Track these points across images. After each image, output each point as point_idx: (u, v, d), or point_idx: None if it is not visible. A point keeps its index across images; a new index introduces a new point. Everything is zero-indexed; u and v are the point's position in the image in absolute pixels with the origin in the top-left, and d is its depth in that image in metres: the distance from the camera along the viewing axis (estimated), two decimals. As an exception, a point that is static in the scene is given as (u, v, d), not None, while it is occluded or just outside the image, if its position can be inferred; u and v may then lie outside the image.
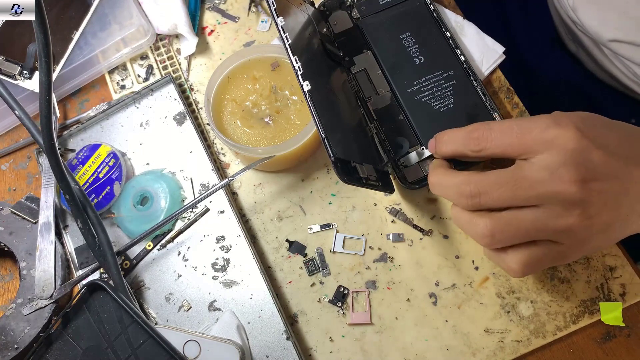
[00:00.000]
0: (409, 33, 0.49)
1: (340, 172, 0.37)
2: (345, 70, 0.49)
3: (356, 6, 0.51)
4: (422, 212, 0.46)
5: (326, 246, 0.45)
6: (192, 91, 0.52)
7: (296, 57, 0.39)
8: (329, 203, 0.47)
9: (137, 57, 0.53)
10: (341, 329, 0.43)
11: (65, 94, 0.53)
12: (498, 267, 0.44)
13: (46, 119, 0.40)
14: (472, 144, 0.37)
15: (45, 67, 0.38)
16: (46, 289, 0.44)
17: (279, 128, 0.46)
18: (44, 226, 0.46)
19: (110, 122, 0.51)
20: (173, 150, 0.49)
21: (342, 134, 0.41)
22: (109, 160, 0.48)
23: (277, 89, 0.47)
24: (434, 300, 0.43)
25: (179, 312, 0.44)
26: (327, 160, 0.48)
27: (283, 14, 0.41)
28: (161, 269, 0.46)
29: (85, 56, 0.51)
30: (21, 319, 0.43)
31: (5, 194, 0.51)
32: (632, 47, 0.52)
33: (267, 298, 0.43)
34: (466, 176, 0.36)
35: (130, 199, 0.47)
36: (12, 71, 0.50)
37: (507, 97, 0.49)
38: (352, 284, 0.44)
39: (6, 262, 0.49)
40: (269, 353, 0.42)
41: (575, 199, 0.32)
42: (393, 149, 0.46)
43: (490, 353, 0.42)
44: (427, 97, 0.46)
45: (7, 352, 0.42)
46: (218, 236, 0.46)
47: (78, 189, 0.45)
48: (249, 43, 0.53)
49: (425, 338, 0.42)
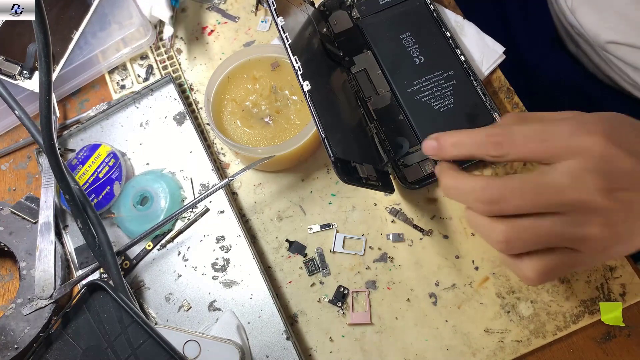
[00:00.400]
0: (409, 33, 0.49)
1: (340, 172, 0.37)
2: (345, 70, 0.49)
3: (356, 6, 0.51)
4: (422, 212, 0.46)
5: (326, 246, 0.45)
6: (192, 91, 0.52)
7: (296, 57, 0.39)
8: (329, 203, 0.47)
9: (137, 57, 0.53)
10: (341, 329, 0.43)
11: (65, 94, 0.53)
12: (498, 267, 0.44)
13: (46, 118, 0.40)
14: (491, 149, 0.34)
15: (45, 67, 0.38)
16: (46, 289, 0.44)
17: (279, 128, 0.46)
18: (43, 226, 0.46)
19: (110, 122, 0.51)
20: (173, 150, 0.49)
21: (342, 134, 0.41)
22: (109, 160, 0.48)
23: (277, 89, 0.47)
24: (434, 300, 0.43)
25: (178, 312, 0.44)
26: (327, 160, 0.48)
27: (283, 14, 0.41)
28: (161, 269, 0.46)
29: (85, 56, 0.51)
30: (21, 319, 0.43)
31: (5, 194, 0.51)
32: (630, 49, 0.52)
33: (267, 298, 0.43)
34: (485, 181, 0.33)
35: (130, 199, 0.47)
36: (12, 71, 0.50)
37: (507, 97, 0.49)
38: (352, 284, 0.44)
39: (6, 262, 0.49)
40: (269, 353, 0.42)
41: (599, 208, 0.31)
42: (393, 149, 0.46)
43: (490, 353, 0.42)
44: (427, 97, 0.46)
45: (7, 352, 0.42)
46: (218, 236, 0.46)
47: (78, 189, 0.45)
48: (249, 43, 0.53)
49: (425, 338, 0.42)
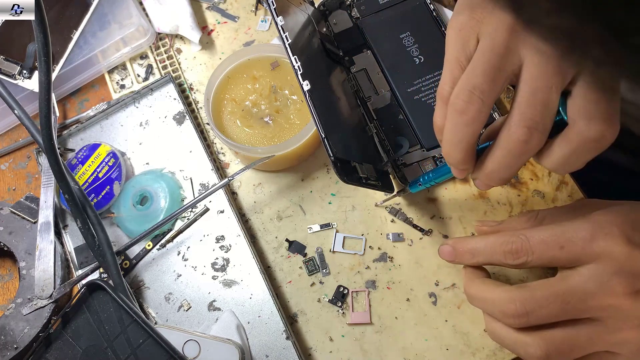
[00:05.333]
0: (409, 33, 0.49)
1: (340, 172, 0.37)
2: (345, 70, 0.49)
3: (356, 6, 0.51)
4: (422, 211, 0.46)
5: (326, 246, 0.45)
6: (192, 91, 0.52)
7: (296, 57, 0.39)
8: (329, 203, 0.47)
9: (137, 56, 0.53)
10: (341, 328, 0.43)
11: (64, 93, 0.53)
12: (498, 267, 0.43)
13: (46, 118, 0.40)
14: (509, 259, 0.34)
15: (44, 66, 0.38)
16: (46, 288, 0.44)
17: (278, 128, 0.46)
18: (43, 226, 0.46)
19: (110, 121, 0.51)
20: (173, 149, 0.49)
21: (342, 134, 0.41)
22: (109, 159, 0.48)
23: (277, 89, 0.47)
24: (434, 300, 0.43)
25: (178, 312, 0.44)
26: (326, 160, 0.48)
27: (283, 14, 0.40)
28: (161, 269, 0.46)
29: (85, 56, 0.51)
30: (21, 318, 0.43)
31: (4, 194, 0.51)
32: None
33: (266, 298, 0.43)
34: (509, 292, 0.33)
35: (129, 198, 0.46)
36: (12, 71, 0.50)
37: (507, 96, 0.49)
38: (351, 284, 0.44)
39: (6, 261, 0.49)
40: (269, 353, 0.42)
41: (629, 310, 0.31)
42: (393, 148, 0.46)
43: (490, 353, 0.42)
44: (427, 97, 0.46)
45: (6, 352, 0.42)
46: (218, 236, 0.46)
47: (77, 188, 0.45)
48: (249, 43, 0.53)
49: (425, 338, 0.42)
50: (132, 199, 0.46)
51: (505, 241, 0.34)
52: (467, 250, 0.37)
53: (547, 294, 0.32)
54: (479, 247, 0.36)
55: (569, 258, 0.32)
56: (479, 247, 0.36)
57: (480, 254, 0.36)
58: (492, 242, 0.36)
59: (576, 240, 0.32)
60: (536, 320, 0.32)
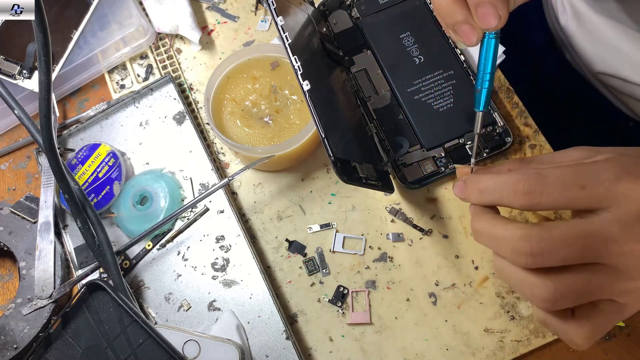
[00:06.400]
0: (409, 33, 0.49)
1: (340, 172, 0.37)
2: (345, 70, 0.49)
3: (356, 6, 0.51)
4: (422, 211, 0.46)
5: (326, 246, 0.45)
6: (192, 91, 0.52)
7: (296, 57, 0.39)
8: (329, 203, 0.47)
9: (137, 56, 0.53)
10: (341, 328, 0.43)
11: (64, 93, 0.53)
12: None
13: (45, 118, 0.40)
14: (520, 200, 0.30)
15: (44, 66, 0.38)
16: (46, 288, 0.44)
17: (278, 128, 0.46)
18: (43, 226, 0.46)
19: (110, 121, 0.51)
20: (172, 149, 0.49)
21: (342, 134, 0.41)
22: (109, 159, 0.48)
23: (277, 89, 0.47)
24: (434, 300, 0.43)
25: (178, 312, 0.44)
26: (326, 160, 0.48)
27: (283, 14, 0.40)
28: (161, 269, 0.46)
29: (85, 56, 0.51)
30: (20, 318, 0.43)
31: (4, 194, 0.51)
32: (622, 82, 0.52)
33: (266, 298, 0.43)
34: (524, 230, 0.29)
35: (129, 198, 0.46)
36: (12, 71, 0.50)
37: (507, 97, 0.49)
38: (351, 284, 0.44)
39: (6, 261, 0.49)
40: (269, 353, 0.42)
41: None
42: (393, 148, 0.46)
43: (490, 353, 0.42)
44: (427, 97, 0.46)
45: (6, 352, 0.42)
46: (218, 236, 0.46)
47: (77, 188, 0.45)
48: (249, 43, 0.53)
49: (425, 338, 0.42)
50: (132, 199, 0.46)
51: (517, 179, 0.30)
52: (477, 189, 0.33)
53: (568, 235, 0.29)
54: (489, 185, 0.32)
55: (590, 200, 0.29)
56: (488, 184, 0.32)
57: (488, 191, 0.32)
58: (503, 179, 0.31)
59: (599, 180, 0.29)
60: (550, 262, 0.29)
